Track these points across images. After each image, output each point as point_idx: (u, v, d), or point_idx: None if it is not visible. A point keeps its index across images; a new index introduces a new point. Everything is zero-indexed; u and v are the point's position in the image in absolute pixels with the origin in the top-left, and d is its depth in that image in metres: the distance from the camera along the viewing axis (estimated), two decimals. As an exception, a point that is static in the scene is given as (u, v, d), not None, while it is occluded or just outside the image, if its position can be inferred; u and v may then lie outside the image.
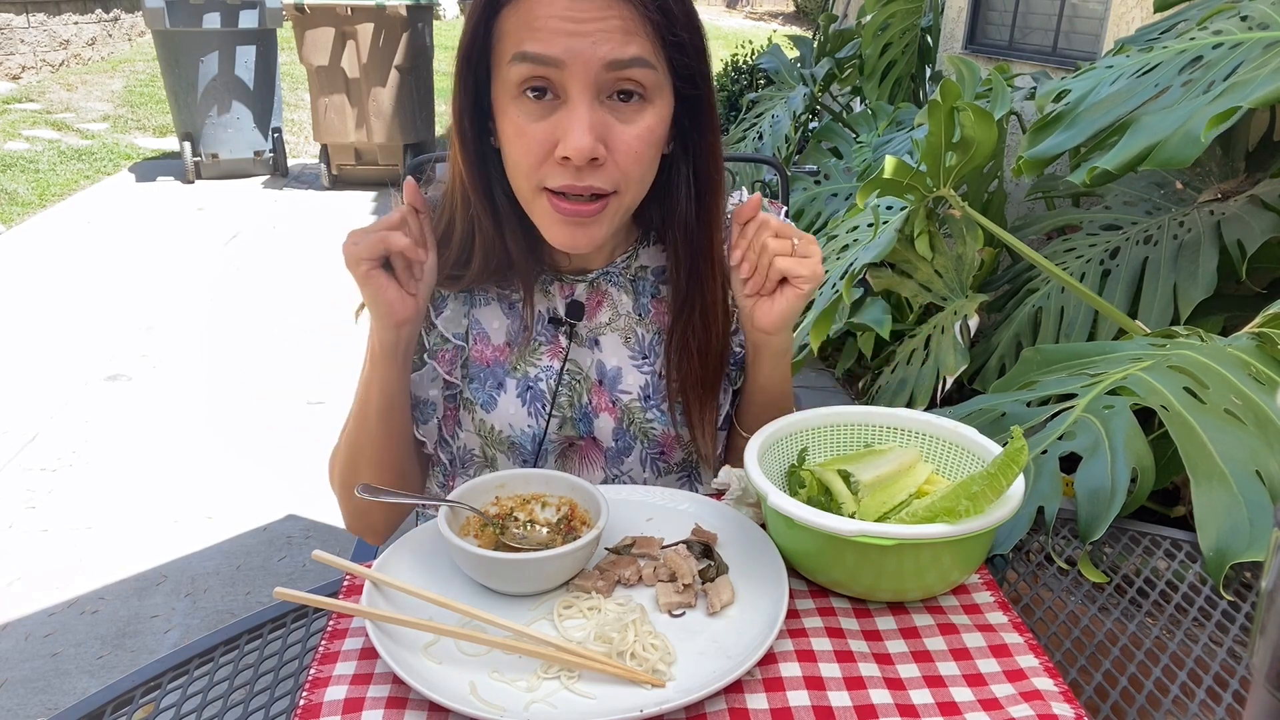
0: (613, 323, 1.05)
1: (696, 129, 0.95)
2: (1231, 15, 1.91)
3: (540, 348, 1.03)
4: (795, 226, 0.93)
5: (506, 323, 1.03)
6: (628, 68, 0.85)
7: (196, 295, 4.35)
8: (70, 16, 8.74)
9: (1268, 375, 1.07)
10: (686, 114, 0.94)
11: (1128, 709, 0.78)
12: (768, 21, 16.03)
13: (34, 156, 6.37)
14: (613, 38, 0.83)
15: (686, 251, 1.00)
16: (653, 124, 0.89)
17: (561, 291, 1.03)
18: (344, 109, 5.73)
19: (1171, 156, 1.63)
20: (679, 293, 1.01)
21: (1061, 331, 2.20)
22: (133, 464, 2.94)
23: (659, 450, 1.07)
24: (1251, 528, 0.90)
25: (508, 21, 0.86)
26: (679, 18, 0.87)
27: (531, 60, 0.84)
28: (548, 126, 0.86)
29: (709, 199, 0.99)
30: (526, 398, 1.02)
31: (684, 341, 1.02)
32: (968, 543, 0.77)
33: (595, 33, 0.83)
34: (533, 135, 0.86)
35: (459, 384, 1.04)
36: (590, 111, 0.85)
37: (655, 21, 0.85)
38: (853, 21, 4.51)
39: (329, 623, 0.79)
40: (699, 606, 0.80)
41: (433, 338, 1.03)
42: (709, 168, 0.98)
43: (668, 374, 1.03)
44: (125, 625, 2.24)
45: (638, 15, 0.84)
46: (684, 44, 0.89)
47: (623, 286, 1.05)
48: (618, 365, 1.04)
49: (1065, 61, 3.50)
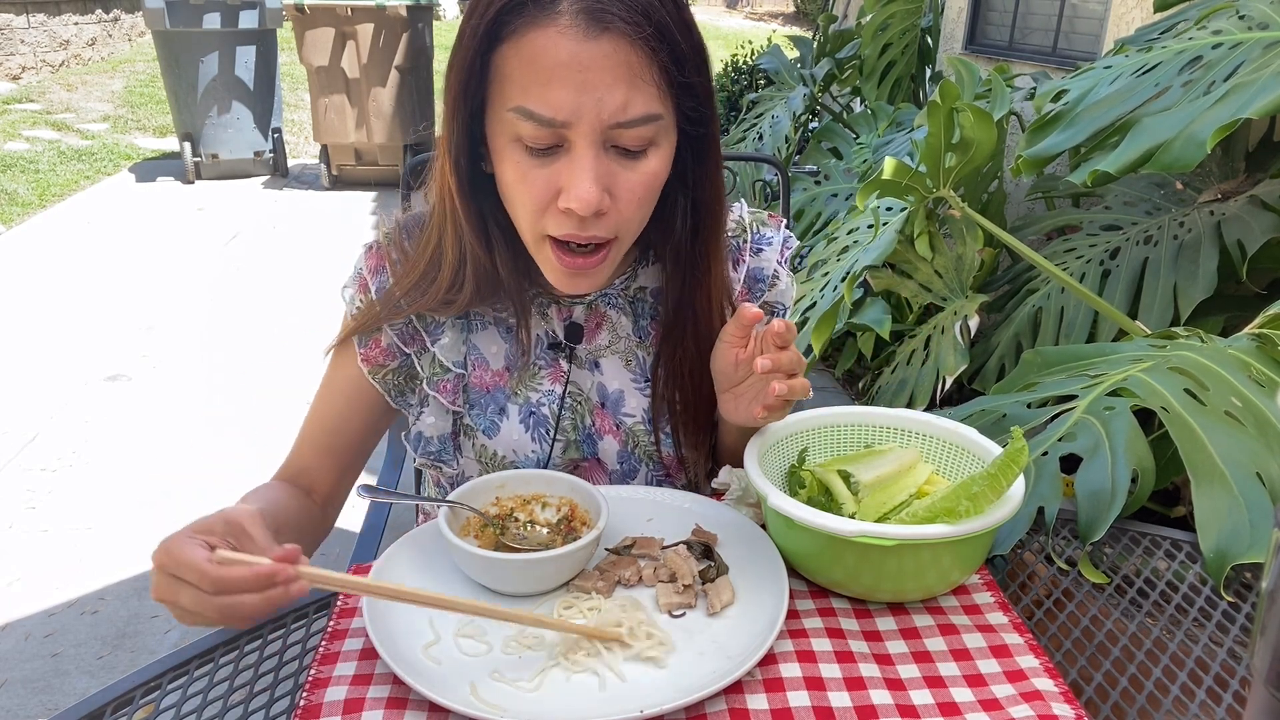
0: (612, 345, 1.03)
1: (698, 162, 0.92)
2: (1230, 15, 1.91)
3: (540, 371, 1.02)
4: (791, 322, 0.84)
5: (505, 347, 1.01)
6: (635, 126, 0.81)
7: (196, 295, 4.35)
8: (70, 17, 8.73)
9: (1268, 376, 1.07)
10: (689, 147, 0.90)
11: (1128, 709, 0.78)
12: (768, 22, 16.03)
13: (34, 157, 6.37)
14: (619, 89, 0.79)
15: (679, 279, 0.98)
16: (657, 168, 0.85)
17: (559, 314, 1.02)
18: (344, 109, 5.73)
19: (1174, 160, 1.63)
20: (668, 318, 0.99)
21: (1061, 332, 2.20)
22: (133, 464, 2.94)
23: (664, 473, 1.05)
24: (1252, 529, 0.90)
25: (509, 61, 0.80)
26: (689, 58, 0.83)
27: (535, 120, 0.79)
28: (550, 174, 0.82)
29: (707, 230, 0.96)
30: (530, 422, 1.00)
31: (674, 367, 1.00)
32: (968, 543, 0.77)
33: (601, 85, 0.78)
34: (535, 182, 0.83)
35: (463, 410, 1.02)
36: (596, 163, 0.81)
37: (664, 65, 0.81)
38: (853, 22, 4.51)
39: (329, 623, 0.79)
40: (699, 607, 0.80)
41: (430, 367, 1.01)
42: (709, 198, 0.95)
43: (654, 397, 1.02)
44: (125, 625, 2.24)
45: (646, 60, 0.79)
46: (693, 86, 0.85)
47: (621, 309, 1.03)
48: (619, 388, 1.03)
49: (1065, 62, 3.50)
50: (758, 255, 1.06)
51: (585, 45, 0.77)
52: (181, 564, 0.66)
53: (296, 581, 0.67)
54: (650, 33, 0.79)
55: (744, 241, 1.05)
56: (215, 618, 0.68)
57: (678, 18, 0.82)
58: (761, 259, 1.06)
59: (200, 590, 0.66)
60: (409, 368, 1.03)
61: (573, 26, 0.77)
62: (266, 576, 0.66)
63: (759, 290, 1.07)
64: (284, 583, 0.66)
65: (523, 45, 0.79)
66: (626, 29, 0.78)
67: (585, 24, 0.77)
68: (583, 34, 0.77)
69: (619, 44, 0.78)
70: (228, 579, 0.66)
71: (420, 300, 0.96)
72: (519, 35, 0.79)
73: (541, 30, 0.78)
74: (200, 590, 0.66)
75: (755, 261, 1.06)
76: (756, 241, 1.06)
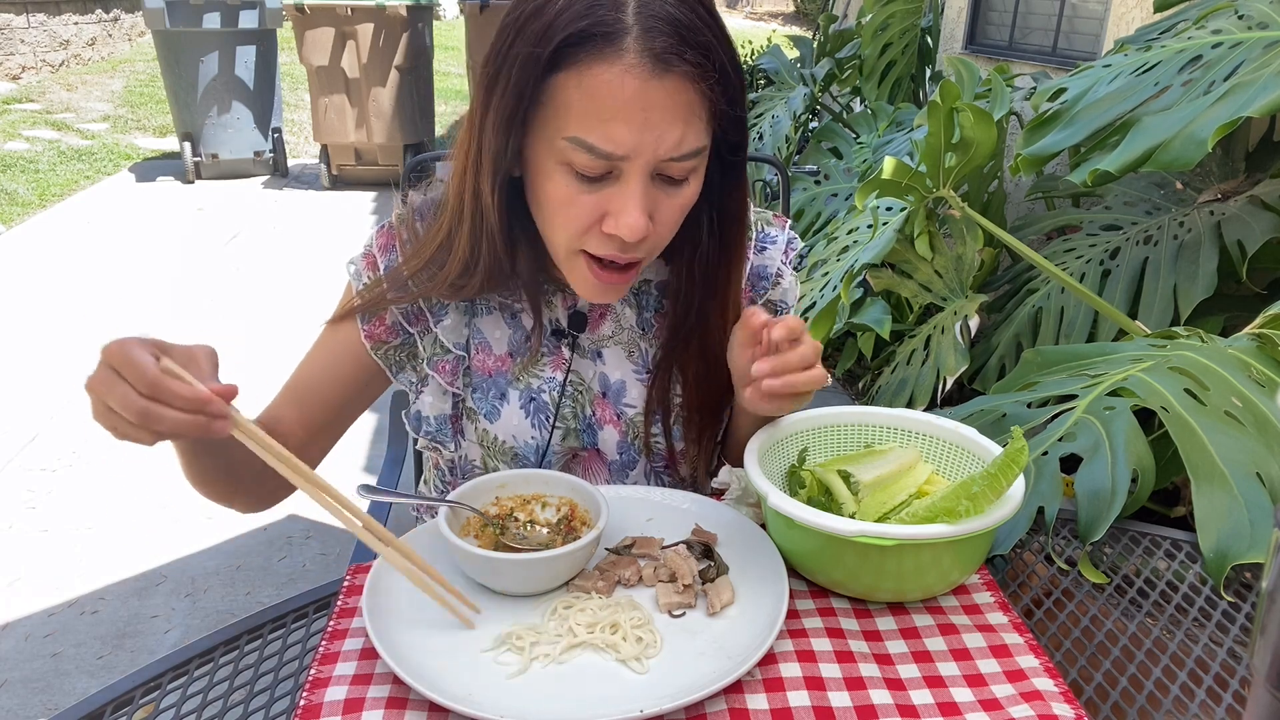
0: (615, 336, 1.04)
1: (726, 180, 0.94)
2: (1230, 14, 1.91)
3: (543, 359, 1.03)
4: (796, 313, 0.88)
5: (508, 332, 1.02)
6: (685, 160, 0.83)
7: (196, 295, 4.35)
8: (70, 17, 8.74)
9: (1268, 376, 1.07)
10: (719, 168, 0.92)
11: (1128, 709, 0.78)
12: (768, 21, 16.04)
13: (34, 156, 6.37)
14: (676, 127, 0.80)
15: (695, 286, 0.99)
16: (694, 192, 0.88)
17: (564, 302, 1.03)
18: (344, 109, 5.74)
19: (1174, 159, 1.64)
20: (676, 320, 1.01)
21: (1061, 332, 2.20)
22: (133, 464, 2.94)
23: (663, 464, 1.06)
24: (1252, 529, 0.91)
25: (566, 91, 0.80)
26: (738, 94, 0.85)
27: (596, 154, 0.80)
28: (599, 200, 0.84)
29: (731, 241, 0.98)
30: (530, 409, 1.01)
31: (678, 368, 1.02)
32: (968, 543, 0.77)
33: (662, 124, 0.80)
34: (582, 206, 0.84)
35: (462, 393, 1.03)
36: (645, 195, 0.83)
37: (716, 100, 0.83)
38: (853, 22, 4.51)
39: (329, 623, 0.79)
40: (699, 607, 0.80)
41: (431, 346, 1.02)
42: (734, 212, 0.96)
43: (649, 392, 1.02)
44: (125, 625, 2.24)
45: (703, 98, 0.81)
46: (737, 120, 0.87)
47: (626, 300, 1.04)
48: (621, 379, 1.04)
49: (1065, 62, 3.50)
50: (761, 254, 1.07)
51: (650, 85, 0.78)
52: (127, 361, 0.68)
53: (224, 419, 0.70)
54: (711, 72, 0.81)
55: (749, 240, 1.06)
56: (135, 421, 0.69)
57: (730, 55, 0.84)
58: (765, 257, 1.07)
59: (134, 391, 0.68)
60: (411, 345, 1.03)
61: (639, 65, 0.78)
62: (199, 400, 0.69)
63: (762, 288, 1.07)
64: (212, 415, 0.69)
65: (585, 78, 0.79)
66: (690, 70, 0.79)
67: (651, 64, 0.78)
68: (649, 73, 0.78)
69: (682, 85, 0.79)
70: (163, 387, 0.68)
71: (428, 285, 0.97)
72: (582, 67, 0.79)
73: (608, 66, 0.78)
74: (134, 391, 0.68)
75: (759, 260, 1.07)
76: (761, 240, 1.07)
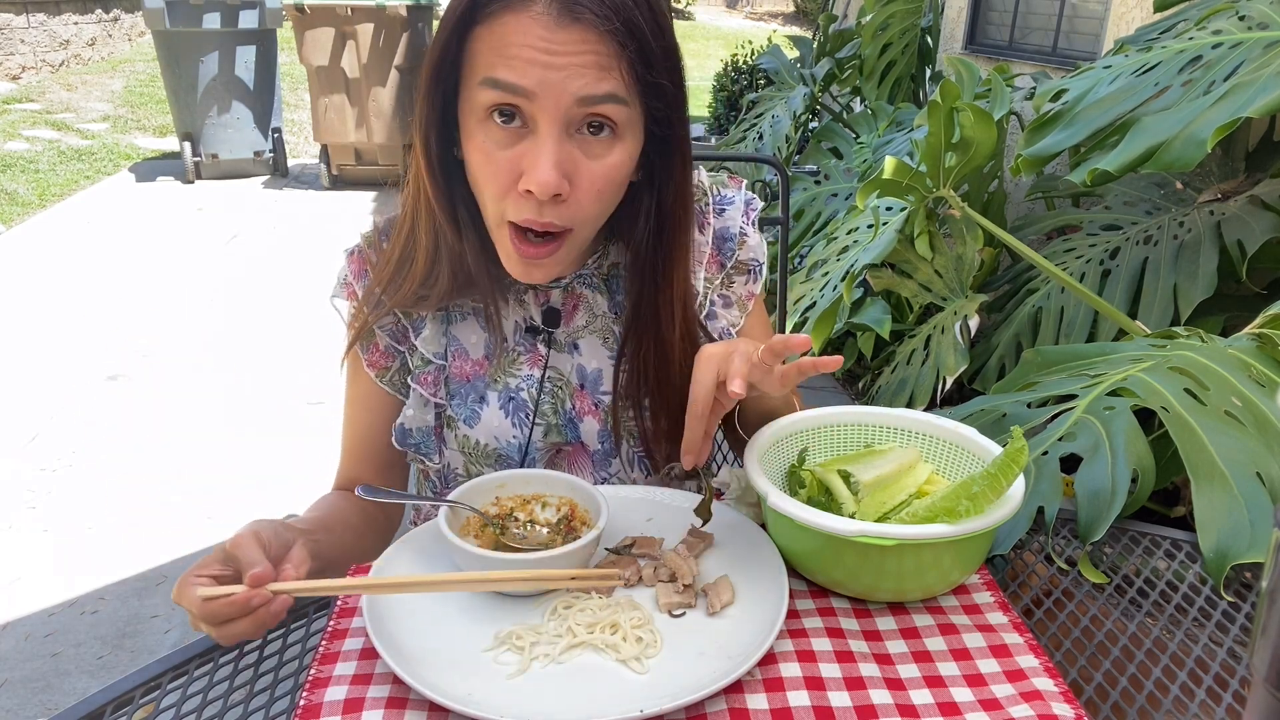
0: (590, 325, 1.04)
1: (665, 165, 0.94)
2: (1230, 15, 1.91)
3: (520, 357, 1.03)
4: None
5: (484, 336, 1.02)
6: (600, 103, 0.83)
7: (196, 295, 4.35)
8: (70, 16, 8.74)
9: (1268, 376, 1.07)
10: (656, 150, 0.92)
11: (1128, 709, 0.78)
12: (768, 21, 16.04)
13: (34, 156, 6.37)
14: (587, 73, 0.81)
15: (638, 280, 0.98)
16: (619, 161, 0.87)
17: (536, 299, 1.02)
18: (344, 109, 5.74)
19: (1175, 159, 1.64)
20: (628, 317, 1.00)
21: (1061, 332, 2.20)
22: (133, 464, 2.94)
23: (644, 448, 1.06)
24: (1252, 529, 0.90)
25: (480, 41, 0.83)
26: (658, 56, 0.85)
27: (502, 88, 0.82)
28: (514, 155, 0.84)
29: (669, 235, 0.96)
30: (509, 408, 1.01)
31: (637, 366, 1.00)
32: (968, 543, 0.77)
33: (569, 66, 0.80)
34: (499, 163, 0.85)
35: (445, 403, 1.03)
36: (558, 146, 0.83)
37: (632, 60, 0.83)
38: (853, 21, 4.51)
39: (329, 623, 0.79)
40: (699, 606, 0.80)
41: (415, 359, 1.02)
42: (674, 204, 0.95)
43: (615, 373, 1.02)
44: (125, 625, 2.24)
45: (615, 51, 0.82)
46: (662, 88, 0.86)
47: (597, 287, 1.04)
48: (598, 367, 1.04)
49: (1065, 62, 3.50)
50: (721, 215, 1.07)
51: (556, 32, 0.80)
52: (186, 606, 0.74)
53: (275, 599, 0.74)
54: (619, 28, 0.81)
55: (706, 205, 1.06)
56: (227, 641, 0.75)
57: (650, 18, 0.84)
58: (725, 219, 1.07)
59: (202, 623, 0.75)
60: (405, 365, 1.04)
61: (545, 14, 0.81)
62: (243, 604, 0.72)
63: (729, 250, 1.07)
64: (261, 604, 0.73)
65: (495, 26, 0.82)
66: (596, 21, 0.81)
67: (557, 12, 0.80)
68: (554, 21, 0.80)
69: (588, 34, 0.81)
70: (214, 612, 0.73)
71: (398, 293, 0.98)
72: (493, 18, 0.83)
73: (515, 15, 0.81)
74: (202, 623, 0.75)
75: (719, 222, 1.07)
76: (719, 203, 1.07)
